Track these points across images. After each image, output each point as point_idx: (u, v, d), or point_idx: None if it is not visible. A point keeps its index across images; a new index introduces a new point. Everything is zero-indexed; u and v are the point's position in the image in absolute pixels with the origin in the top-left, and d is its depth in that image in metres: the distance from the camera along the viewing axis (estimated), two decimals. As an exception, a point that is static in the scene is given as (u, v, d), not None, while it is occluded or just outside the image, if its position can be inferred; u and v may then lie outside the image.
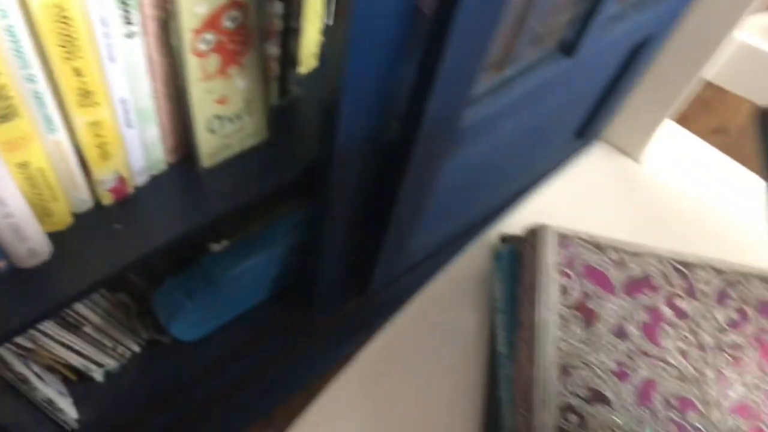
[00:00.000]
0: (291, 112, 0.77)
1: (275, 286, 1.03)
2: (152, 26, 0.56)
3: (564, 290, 0.51)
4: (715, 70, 0.58)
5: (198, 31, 0.57)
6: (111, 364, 0.99)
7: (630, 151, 0.63)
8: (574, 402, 0.47)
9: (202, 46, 0.59)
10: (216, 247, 0.83)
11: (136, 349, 1.02)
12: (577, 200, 0.60)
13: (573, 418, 0.46)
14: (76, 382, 0.98)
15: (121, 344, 0.99)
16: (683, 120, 1.63)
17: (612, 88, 0.86)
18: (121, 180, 0.68)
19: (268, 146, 0.75)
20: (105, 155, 0.63)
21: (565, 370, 0.47)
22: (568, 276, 0.51)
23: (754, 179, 0.67)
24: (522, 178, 1.03)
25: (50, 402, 0.89)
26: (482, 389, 0.52)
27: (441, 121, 0.72)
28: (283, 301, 1.08)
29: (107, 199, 0.68)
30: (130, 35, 0.54)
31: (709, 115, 1.55)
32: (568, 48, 0.83)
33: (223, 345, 1.05)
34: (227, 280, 0.87)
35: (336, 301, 1.10)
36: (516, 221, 0.57)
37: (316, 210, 0.86)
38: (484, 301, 0.55)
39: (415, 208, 0.91)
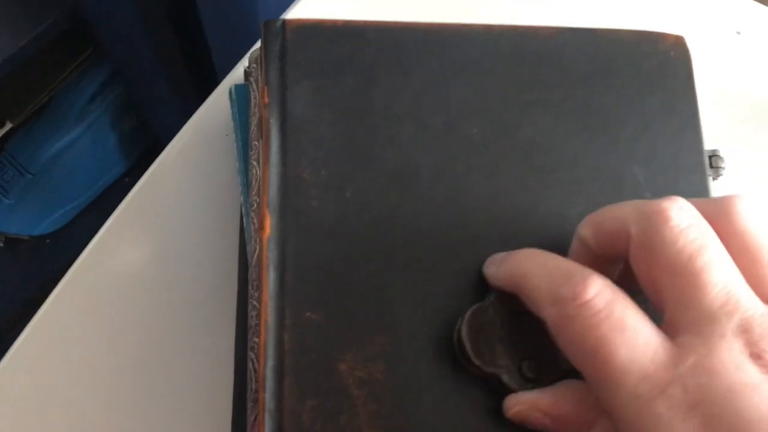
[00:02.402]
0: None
1: (130, 155, 0.91)
2: None
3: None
4: None
5: None
6: (-33, 273, 0.90)
7: None
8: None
9: None
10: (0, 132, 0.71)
11: (-7, 252, 0.92)
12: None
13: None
14: (-65, 299, 0.89)
15: (-29, 251, 0.89)
16: None
17: None
18: None
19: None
20: None
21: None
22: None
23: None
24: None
25: None
26: (237, 272, 0.41)
27: None
28: (145, 170, 0.97)
29: None
30: None
31: None
32: None
33: (91, 229, 0.95)
34: (43, 164, 0.75)
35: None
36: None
37: (116, 61, 0.71)
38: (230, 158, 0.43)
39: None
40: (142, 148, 0.93)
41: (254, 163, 0.37)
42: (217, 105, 0.45)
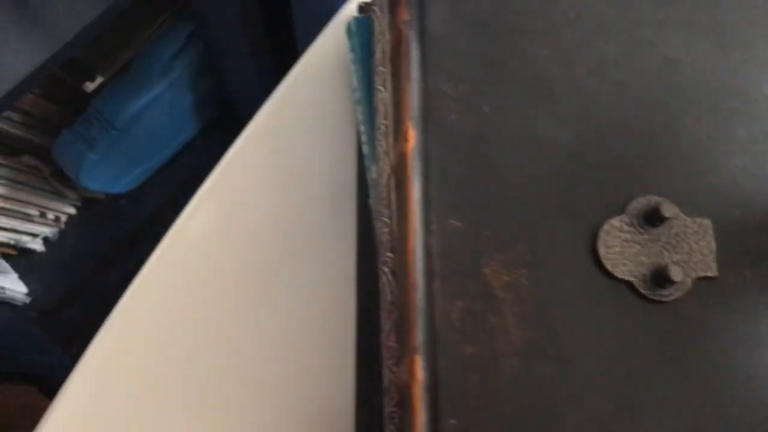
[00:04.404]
0: None
1: (204, 117, 0.93)
2: None
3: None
4: None
5: None
6: (46, 231, 0.93)
7: None
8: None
9: None
10: (91, 86, 0.73)
11: (72, 211, 0.95)
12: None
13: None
14: (17, 256, 0.92)
15: (51, 209, 0.92)
16: None
17: None
18: (-64, 28, 0.57)
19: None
20: None
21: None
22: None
23: None
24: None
25: (-14, 283, 0.84)
26: (355, 198, 0.42)
27: None
28: (218, 132, 0.99)
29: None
30: None
31: None
32: None
33: (165, 190, 0.97)
34: (128, 119, 0.77)
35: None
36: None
37: (200, 18, 0.73)
38: (349, 92, 0.44)
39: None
40: (214, 112, 0.94)
41: (380, 87, 0.38)
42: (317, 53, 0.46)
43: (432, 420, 0.28)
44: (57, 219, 0.93)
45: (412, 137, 0.32)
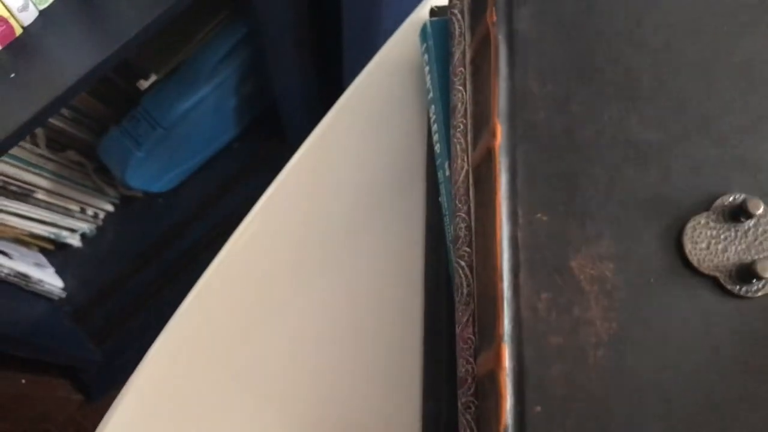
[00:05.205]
0: None
1: (242, 121, 0.94)
2: None
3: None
4: None
5: None
6: (85, 227, 0.94)
7: None
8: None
9: None
10: (145, 84, 0.74)
11: (110, 208, 0.96)
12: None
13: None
14: (55, 251, 0.94)
15: (91, 206, 0.93)
16: None
17: None
18: (4, 22, 0.58)
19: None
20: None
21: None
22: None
23: None
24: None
25: (24, 276, 0.84)
26: (424, 196, 0.43)
27: None
28: (255, 136, 1.00)
29: (-8, 47, 0.59)
30: None
31: None
32: None
33: (201, 191, 0.98)
34: (174, 119, 0.78)
35: (309, 125, 1.00)
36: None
37: (254, 22, 0.74)
38: (419, 92, 0.45)
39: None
40: (253, 117, 0.96)
41: (459, 87, 0.39)
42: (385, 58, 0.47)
43: (518, 407, 0.29)
44: (95, 215, 0.94)
45: (500, 133, 0.33)
